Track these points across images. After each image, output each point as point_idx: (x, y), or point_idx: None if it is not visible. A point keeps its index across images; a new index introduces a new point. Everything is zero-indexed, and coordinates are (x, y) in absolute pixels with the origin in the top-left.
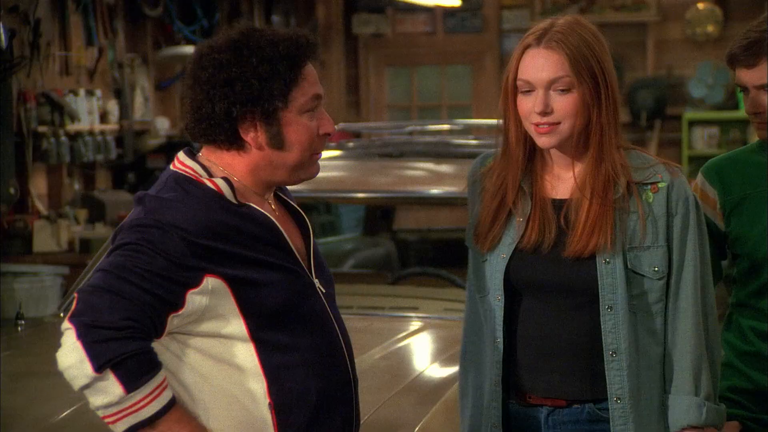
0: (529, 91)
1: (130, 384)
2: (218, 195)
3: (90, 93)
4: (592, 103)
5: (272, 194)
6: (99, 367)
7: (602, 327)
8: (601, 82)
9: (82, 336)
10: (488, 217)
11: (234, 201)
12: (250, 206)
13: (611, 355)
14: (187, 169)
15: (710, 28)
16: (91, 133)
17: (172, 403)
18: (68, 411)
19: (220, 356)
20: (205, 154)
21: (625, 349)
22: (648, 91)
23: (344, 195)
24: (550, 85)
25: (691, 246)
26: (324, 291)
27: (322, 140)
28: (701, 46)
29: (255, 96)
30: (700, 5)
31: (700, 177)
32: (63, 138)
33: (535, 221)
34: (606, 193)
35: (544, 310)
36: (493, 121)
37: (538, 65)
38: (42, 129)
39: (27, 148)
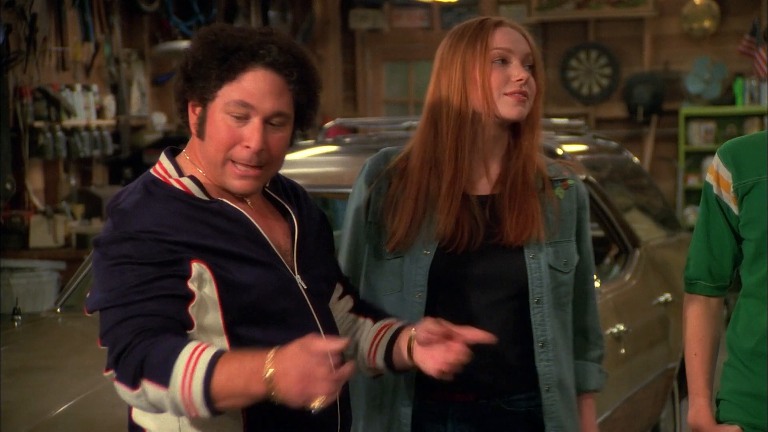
0: (504, 62)
1: (162, 378)
2: (185, 194)
3: (86, 88)
4: (539, 90)
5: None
6: (133, 384)
7: (532, 320)
8: (540, 87)
9: (116, 371)
10: (417, 214)
11: (203, 197)
12: (221, 202)
13: (540, 347)
14: (160, 170)
15: (707, 24)
16: (87, 128)
17: (213, 364)
18: (65, 406)
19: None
20: (186, 149)
21: (552, 341)
22: (645, 86)
23: (341, 190)
24: (524, 59)
25: (589, 235)
26: (306, 287)
27: (245, 152)
28: (698, 41)
29: (191, 77)
30: (697, 0)
31: (716, 159)
32: (59, 133)
33: (461, 217)
34: (529, 182)
35: (465, 306)
36: None
37: (516, 38)
38: (38, 124)
39: (23, 144)
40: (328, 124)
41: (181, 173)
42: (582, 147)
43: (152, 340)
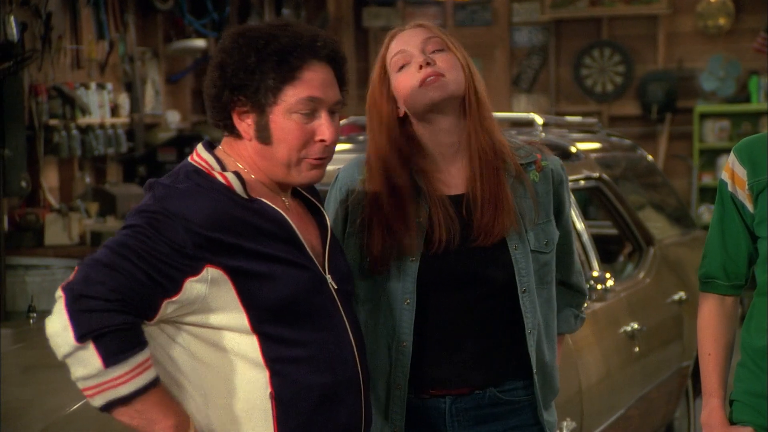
0: (405, 66)
1: (110, 358)
2: (227, 189)
3: (101, 86)
4: (465, 69)
5: (289, 191)
6: (80, 337)
7: (522, 309)
8: (464, 62)
9: (69, 304)
10: (395, 226)
11: (244, 195)
12: (260, 201)
13: (529, 333)
14: (201, 162)
15: (722, 21)
16: (102, 126)
17: (153, 384)
18: (79, 404)
19: (223, 346)
20: (224, 146)
21: (537, 326)
22: (659, 84)
23: None
24: (424, 46)
25: (568, 207)
26: (337, 287)
27: (318, 146)
28: (712, 38)
29: (241, 85)
30: None
31: (731, 156)
32: (74, 131)
33: (438, 220)
34: (498, 175)
35: (453, 304)
36: (500, 114)
37: (409, 36)
38: (53, 122)
39: (38, 142)
40: (342, 122)
41: (223, 167)
42: (596, 145)
43: (120, 318)
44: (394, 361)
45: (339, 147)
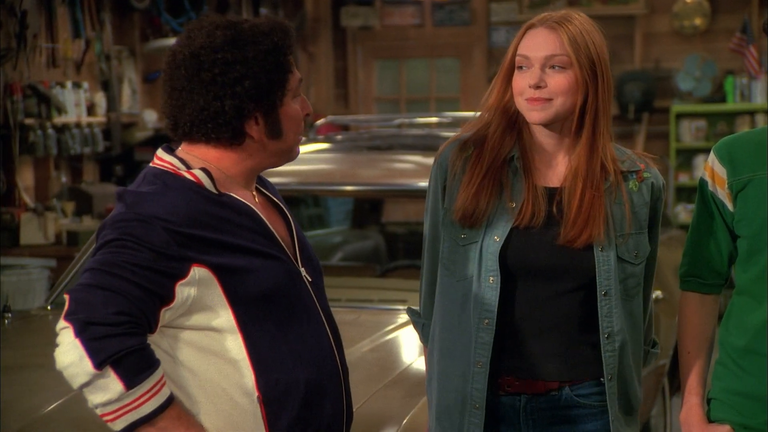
0: (525, 68)
1: (130, 380)
2: (197, 186)
3: (77, 85)
4: (587, 86)
5: (254, 186)
6: (99, 364)
7: (599, 312)
8: (598, 69)
9: (80, 333)
10: (480, 194)
11: (214, 191)
12: (230, 195)
13: (606, 338)
14: (165, 164)
15: (698, 21)
16: (78, 125)
17: (171, 400)
18: (56, 403)
19: (208, 349)
20: (186, 149)
21: (618, 332)
22: (636, 83)
23: (332, 188)
24: (546, 61)
25: (660, 225)
26: (311, 280)
27: (305, 122)
28: (689, 39)
29: (263, 90)
30: None
31: (711, 155)
32: (50, 130)
33: (528, 207)
34: (598, 183)
35: (534, 294)
36: (473, 114)
37: (537, 42)
38: (29, 121)
39: (14, 141)
40: (320, 122)
41: (188, 166)
42: None
43: (134, 340)
44: (475, 338)
45: (317, 147)
